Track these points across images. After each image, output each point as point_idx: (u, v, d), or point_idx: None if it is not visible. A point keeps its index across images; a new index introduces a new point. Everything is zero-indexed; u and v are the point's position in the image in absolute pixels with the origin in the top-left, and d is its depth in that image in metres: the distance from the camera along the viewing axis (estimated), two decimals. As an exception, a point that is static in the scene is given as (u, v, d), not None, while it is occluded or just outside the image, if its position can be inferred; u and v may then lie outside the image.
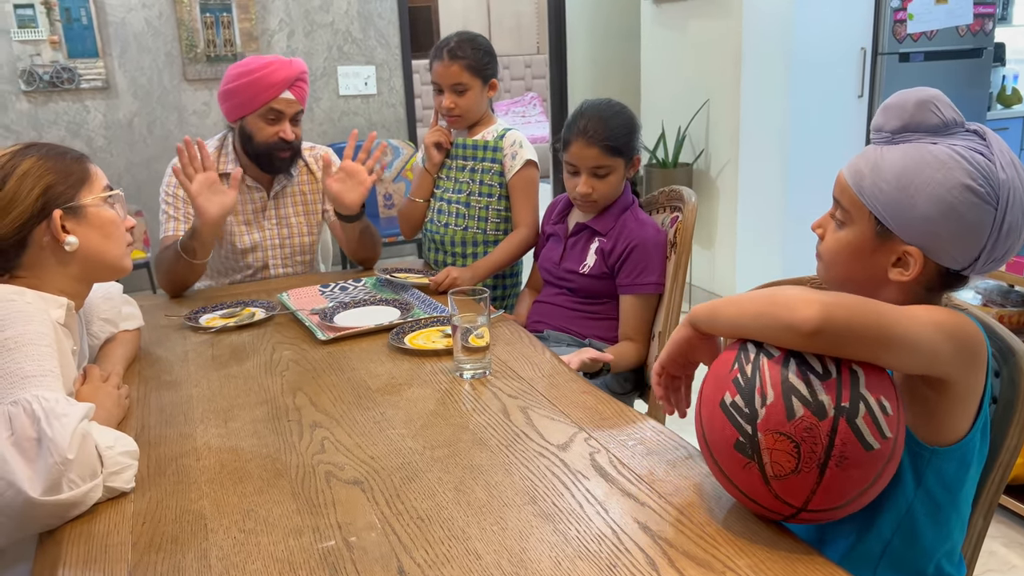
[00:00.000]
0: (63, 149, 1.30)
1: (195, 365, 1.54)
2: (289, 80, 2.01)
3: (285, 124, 2.04)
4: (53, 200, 1.24)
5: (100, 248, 1.31)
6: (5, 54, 4.06)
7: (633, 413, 1.26)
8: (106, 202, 1.33)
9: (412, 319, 1.72)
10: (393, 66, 4.86)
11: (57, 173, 1.25)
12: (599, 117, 1.80)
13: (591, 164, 1.79)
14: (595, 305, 1.87)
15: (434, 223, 2.23)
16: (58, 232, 1.24)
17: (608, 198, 1.84)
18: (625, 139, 1.80)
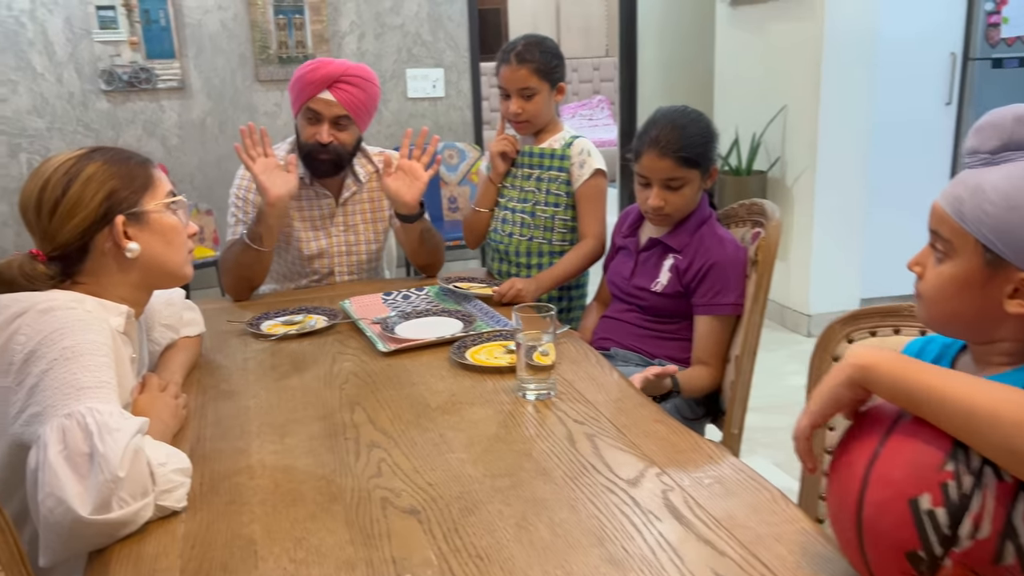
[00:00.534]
0: (128, 153, 1.28)
1: (254, 374, 1.51)
2: (327, 79, 1.96)
3: (322, 126, 2.00)
4: (116, 206, 1.22)
5: (161, 255, 1.29)
6: (87, 54, 4.17)
7: (710, 446, 1.18)
8: (169, 208, 1.31)
9: (474, 332, 1.66)
10: (461, 69, 4.83)
11: (121, 178, 1.23)
12: (673, 126, 1.71)
13: (664, 176, 1.71)
14: (667, 325, 1.78)
15: (498, 233, 2.17)
16: (120, 238, 1.22)
17: (682, 212, 1.75)
18: (701, 149, 1.71)
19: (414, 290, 2.00)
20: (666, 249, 1.78)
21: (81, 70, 4.18)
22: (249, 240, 1.91)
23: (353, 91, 1.99)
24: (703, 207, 1.78)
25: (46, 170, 1.22)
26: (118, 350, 1.17)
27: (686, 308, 1.74)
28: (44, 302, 1.12)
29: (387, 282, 2.15)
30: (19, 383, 1.06)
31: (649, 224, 1.85)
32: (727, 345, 1.73)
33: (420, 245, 2.08)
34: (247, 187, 2.05)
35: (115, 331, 1.18)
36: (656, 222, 1.78)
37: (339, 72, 1.96)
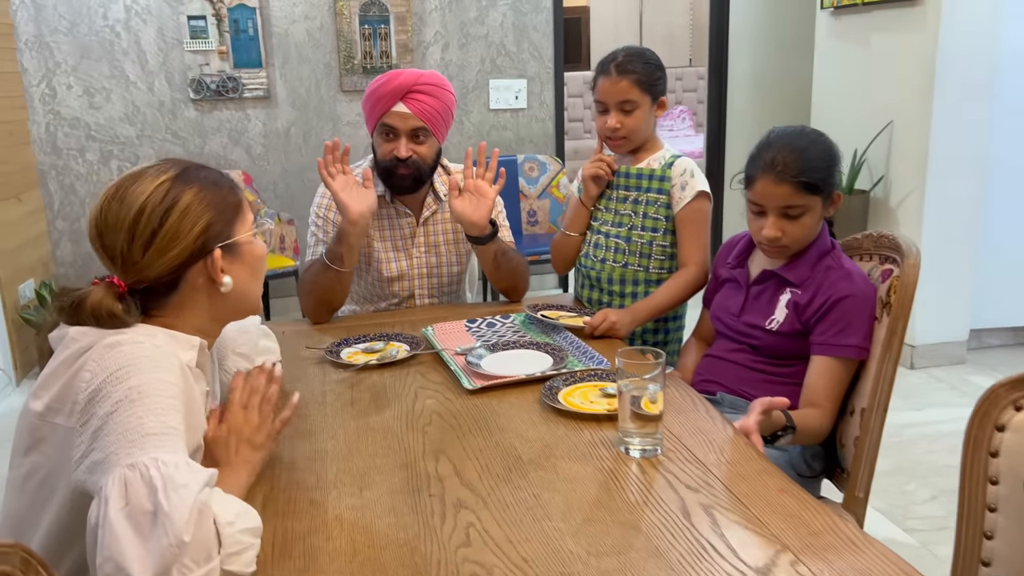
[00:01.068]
0: (216, 176, 1.19)
1: (332, 409, 1.41)
2: (400, 91, 1.86)
3: (399, 141, 1.89)
4: (213, 238, 1.13)
5: (248, 287, 1.20)
6: (178, 63, 4.22)
7: (849, 528, 1.01)
8: (256, 236, 1.22)
9: (567, 370, 1.52)
10: (545, 79, 4.72)
11: (216, 208, 1.14)
12: (791, 148, 1.54)
13: (781, 204, 1.54)
14: (783, 367, 1.60)
15: (589, 258, 2.02)
16: (216, 273, 1.14)
17: (801, 243, 1.58)
18: (823, 173, 1.54)
19: (499, 317, 1.88)
20: (782, 283, 1.61)
21: (171, 79, 4.24)
22: (329, 260, 1.83)
23: (428, 100, 1.88)
24: (824, 237, 1.61)
25: (137, 196, 1.10)
26: (189, 387, 1.08)
27: (805, 349, 1.57)
28: (111, 335, 1.03)
29: (470, 307, 2.04)
30: (83, 424, 0.98)
31: (760, 254, 1.69)
32: (843, 392, 1.55)
33: (496, 268, 1.96)
34: (327, 205, 1.97)
35: (186, 366, 1.09)
36: (771, 254, 1.62)
37: (411, 82, 1.86)
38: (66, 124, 4.15)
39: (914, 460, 2.79)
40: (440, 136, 1.95)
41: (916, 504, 2.52)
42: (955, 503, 1.10)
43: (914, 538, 2.32)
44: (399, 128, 1.89)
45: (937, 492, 2.58)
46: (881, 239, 1.61)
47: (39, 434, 1.03)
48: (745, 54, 5.29)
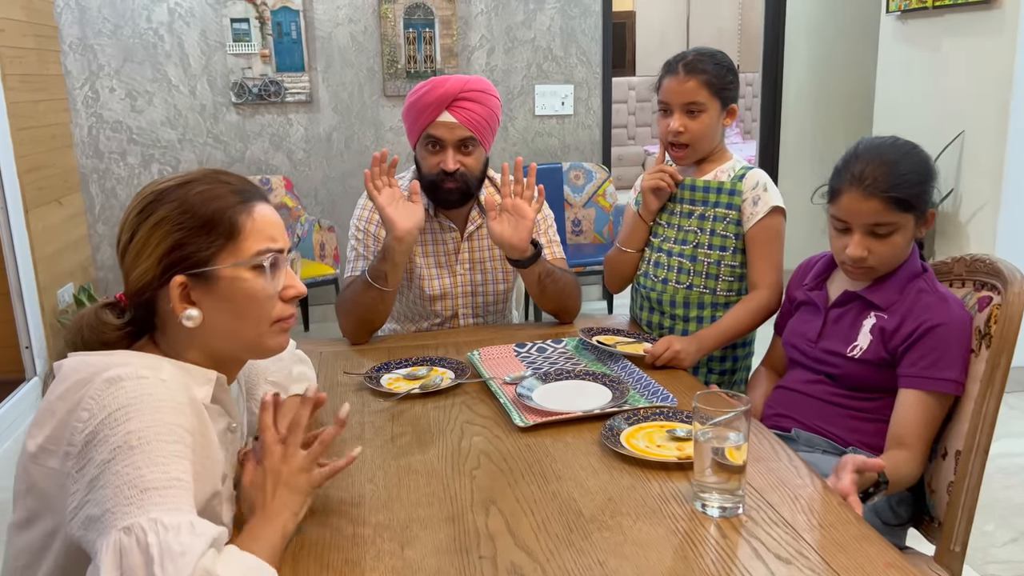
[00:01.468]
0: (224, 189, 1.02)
1: (372, 446, 1.29)
2: (445, 99, 1.73)
3: (446, 153, 1.76)
4: (177, 263, 0.98)
5: (228, 328, 1.02)
6: (220, 67, 4.17)
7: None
8: (255, 269, 1.02)
9: (628, 407, 1.38)
10: (592, 85, 4.58)
11: (194, 228, 0.98)
12: (881, 160, 1.39)
13: (868, 220, 1.39)
14: (866, 401, 1.44)
15: (649, 278, 1.86)
16: (175, 303, 0.99)
17: (888, 264, 1.42)
18: (917, 188, 1.38)
19: (550, 342, 1.74)
20: (867, 306, 1.45)
21: (213, 82, 4.19)
22: (371, 279, 1.71)
23: (475, 108, 1.75)
24: (914, 259, 1.44)
25: (137, 197, 1.03)
26: (202, 427, 0.96)
27: (891, 381, 1.40)
28: (113, 368, 0.91)
29: (517, 328, 1.90)
30: (79, 470, 0.86)
31: (840, 275, 1.53)
32: (936, 430, 1.38)
33: (542, 291, 1.80)
34: (368, 218, 1.86)
35: (200, 403, 0.97)
36: (855, 275, 1.46)
37: (457, 89, 1.73)
38: (108, 127, 4.12)
39: (991, 497, 2.58)
40: (487, 145, 1.83)
41: (995, 547, 2.32)
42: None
43: (995, 585, 2.13)
44: (446, 139, 1.76)
45: (1017, 534, 2.38)
46: (976, 264, 1.44)
47: (32, 478, 0.93)
48: (802, 60, 5.09)
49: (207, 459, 0.97)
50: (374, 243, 1.84)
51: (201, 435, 0.96)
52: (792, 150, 5.09)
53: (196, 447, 0.94)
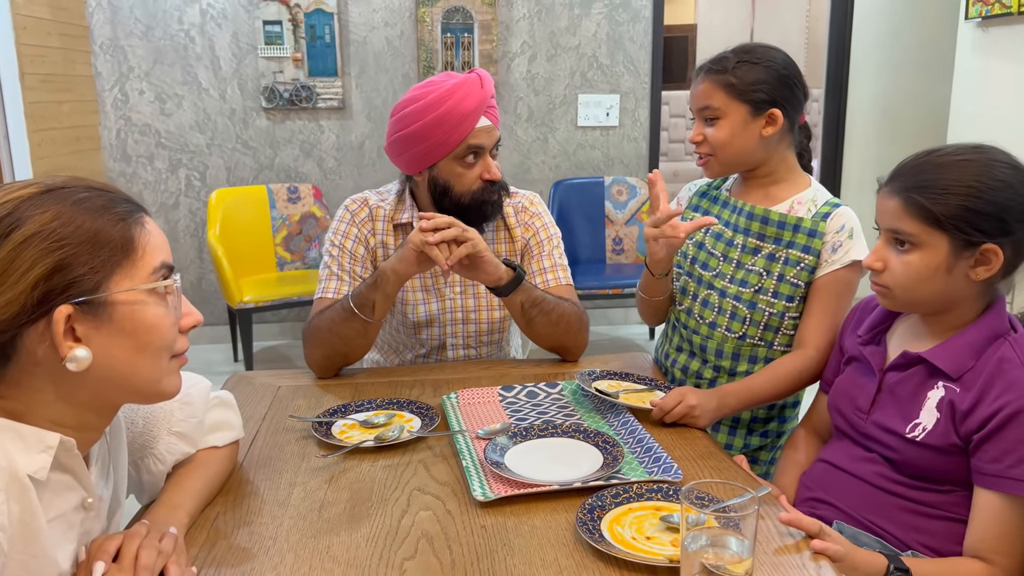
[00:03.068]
0: (108, 198, 0.82)
1: (293, 518, 1.04)
2: (484, 103, 1.51)
3: (487, 159, 1.54)
4: (63, 289, 0.77)
5: (126, 367, 0.82)
6: (251, 70, 4.04)
7: None
8: (154, 294, 0.83)
9: (618, 480, 1.11)
10: (640, 95, 4.30)
11: (81, 244, 0.77)
12: (929, 159, 1.13)
13: (886, 224, 1.14)
14: (932, 493, 1.13)
15: (693, 317, 1.54)
16: (59, 341, 0.77)
17: (908, 291, 1.13)
18: (960, 204, 1.07)
19: (543, 385, 1.47)
20: (932, 372, 1.14)
21: (244, 86, 4.05)
22: (356, 307, 1.47)
23: (496, 106, 1.57)
24: (998, 315, 1.13)
25: None
26: (26, 514, 0.73)
27: (965, 471, 1.10)
28: None
29: (511, 365, 1.63)
30: None
31: (903, 328, 1.22)
32: None
33: (528, 323, 1.53)
34: (345, 232, 1.62)
35: (26, 481, 0.74)
36: (878, 297, 1.19)
37: (490, 89, 1.53)
38: (136, 130, 4.02)
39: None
40: None
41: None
42: None
43: None
44: (486, 145, 1.54)
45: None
46: (1080, 316, 1.13)
47: None
48: (869, 73, 4.71)
49: (31, 557, 0.74)
50: (350, 262, 1.60)
51: (22, 526, 0.73)
52: (856, 171, 4.71)
53: (13, 543, 0.71)
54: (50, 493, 0.79)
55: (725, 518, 0.80)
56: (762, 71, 1.42)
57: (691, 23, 8.74)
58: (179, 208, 4.12)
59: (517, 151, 4.28)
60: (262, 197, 3.98)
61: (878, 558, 1.02)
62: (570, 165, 4.34)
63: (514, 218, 1.67)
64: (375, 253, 1.63)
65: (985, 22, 3.41)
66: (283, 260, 4.03)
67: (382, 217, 1.63)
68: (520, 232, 1.67)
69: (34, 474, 0.76)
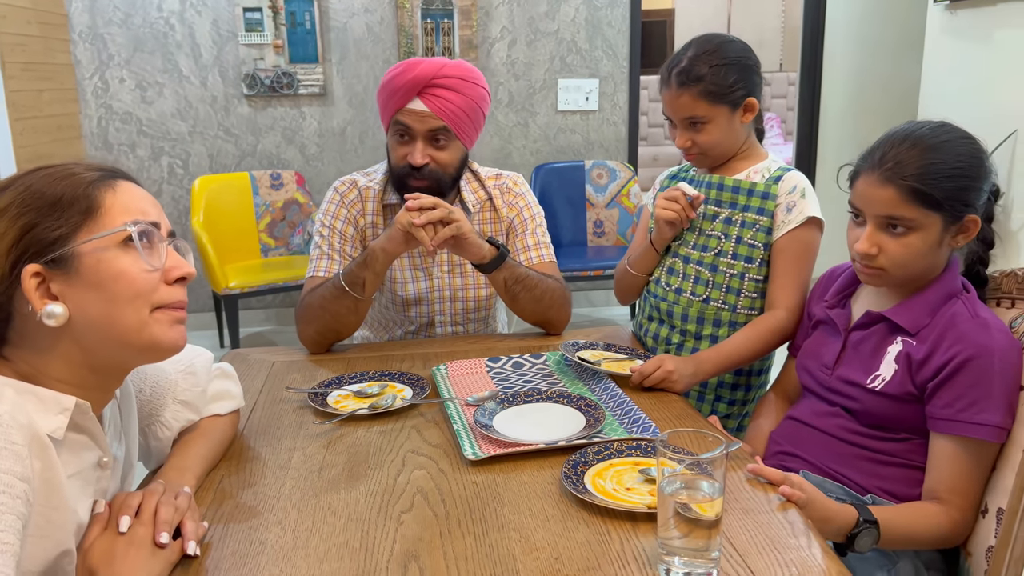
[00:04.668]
0: (76, 168, 0.86)
1: (294, 479, 1.11)
2: (417, 84, 1.53)
3: (415, 144, 1.57)
4: (30, 250, 0.82)
5: (102, 318, 0.85)
6: (232, 57, 4.05)
7: None
8: (122, 244, 0.86)
9: (600, 438, 1.18)
10: (619, 80, 4.36)
11: (43, 208, 0.82)
12: (913, 143, 1.18)
13: (882, 211, 1.19)
14: (890, 442, 1.21)
15: (661, 286, 1.63)
16: (32, 298, 0.82)
17: (903, 268, 1.20)
18: (951, 184, 1.15)
19: (528, 356, 1.54)
20: (893, 329, 1.22)
21: (225, 73, 4.07)
22: (347, 285, 1.52)
23: (451, 97, 1.55)
24: (952, 275, 1.22)
25: None
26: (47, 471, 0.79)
27: (920, 419, 1.18)
28: None
29: (498, 339, 1.70)
30: None
31: (867, 291, 1.31)
32: (980, 483, 1.15)
33: (513, 300, 1.60)
34: (335, 213, 1.67)
35: (46, 439, 0.80)
36: (867, 279, 1.24)
37: (430, 74, 1.53)
38: (118, 119, 4.03)
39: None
40: (467, 139, 1.62)
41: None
42: None
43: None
44: (415, 129, 1.57)
45: None
46: (1031, 279, 1.21)
47: None
48: (842, 55, 4.80)
49: (53, 510, 0.80)
50: (340, 242, 1.66)
51: (44, 481, 0.79)
52: (831, 151, 4.80)
53: (36, 496, 0.77)
54: (68, 452, 0.84)
55: (698, 464, 0.87)
56: (733, 70, 1.48)
57: (669, 7, 8.81)
58: (162, 196, 4.14)
59: (498, 136, 4.33)
60: (245, 184, 4.00)
61: (849, 510, 1.10)
62: (551, 149, 4.40)
63: (500, 199, 1.73)
64: (364, 233, 1.69)
65: (953, 5, 3.49)
66: (267, 246, 4.06)
67: (371, 198, 1.69)
68: (505, 212, 1.73)
69: (52, 433, 0.81)
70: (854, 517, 1.09)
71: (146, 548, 0.85)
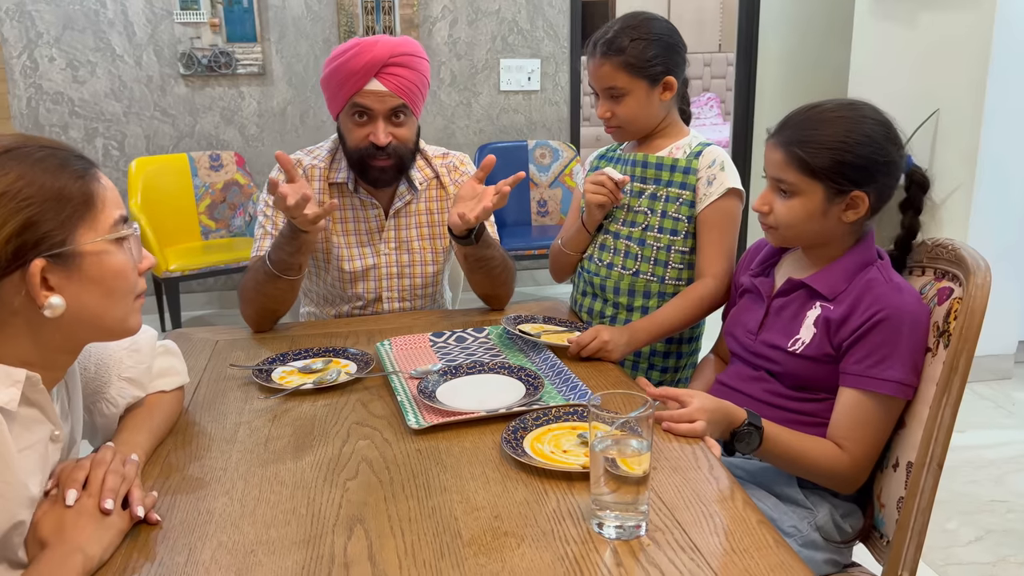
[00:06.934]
0: (63, 156, 0.89)
1: (240, 451, 1.13)
2: (374, 65, 1.56)
3: (377, 124, 1.60)
4: (34, 244, 0.84)
5: (97, 310, 0.91)
6: (167, 36, 3.96)
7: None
8: (116, 243, 0.92)
9: (539, 405, 1.23)
10: (560, 60, 4.40)
11: (46, 201, 0.84)
12: (808, 115, 1.27)
13: (772, 173, 1.30)
14: (809, 403, 1.29)
15: (593, 262, 1.70)
16: (36, 292, 0.85)
17: (791, 230, 1.29)
18: (830, 156, 1.22)
19: (471, 331, 1.59)
20: (812, 295, 1.30)
21: (160, 53, 3.98)
22: (279, 271, 1.54)
23: (406, 74, 1.58)
24: (868, 247, 1.30)
25: None
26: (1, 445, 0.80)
27: (835, 379, 1.26)
28: None
29: (443, 315, 1.74)
30: None
31: (789, 260, 1.38)
32: (879, 434, 1.23)
33: (470, 273, 1.67)
34: (278, 195, 1.68)
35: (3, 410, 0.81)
36: (767, 235, 1.35)
37: (387, 54, 1.56)
38: (48, 99, 3.91)
39: (955, 492, 2.47)
40: (418, 113, 1.67)
41: (958, 546, 2.20)
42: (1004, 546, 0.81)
43: (957, 589, 2.01)
44: (376, 109, 1.59)
45: (983, 532, 2.26)
46: (937, 249, 1.30)
47: None
48: (777, 36, 4.92)
49: (4, 484, 0.81)
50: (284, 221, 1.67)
51: None
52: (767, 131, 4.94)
53: None
54: (20, 426, 0.86)
55: (627, 424, 0.92)
56: (654, 46, 1.54)
57: (610, -12, 8.87)
58: (97, 178, 4.04)
59: (441, 115, 4.34)
60: (183, 165, 3.93)
61: (741, 412, 1.20)
62: (494, 129, 4.42)
63: (447, 177, 1.78)
64: (308, 212, 1.70)
65: (879, -12, 3.62)
66: (208, 228, 4.00)
67: (316, 177, 1.70)
68: (452, 190, 1.77)
69: (5, 405, 0.83)
70: (742, 418, 1.18)
71: (96, 517, 0.87)
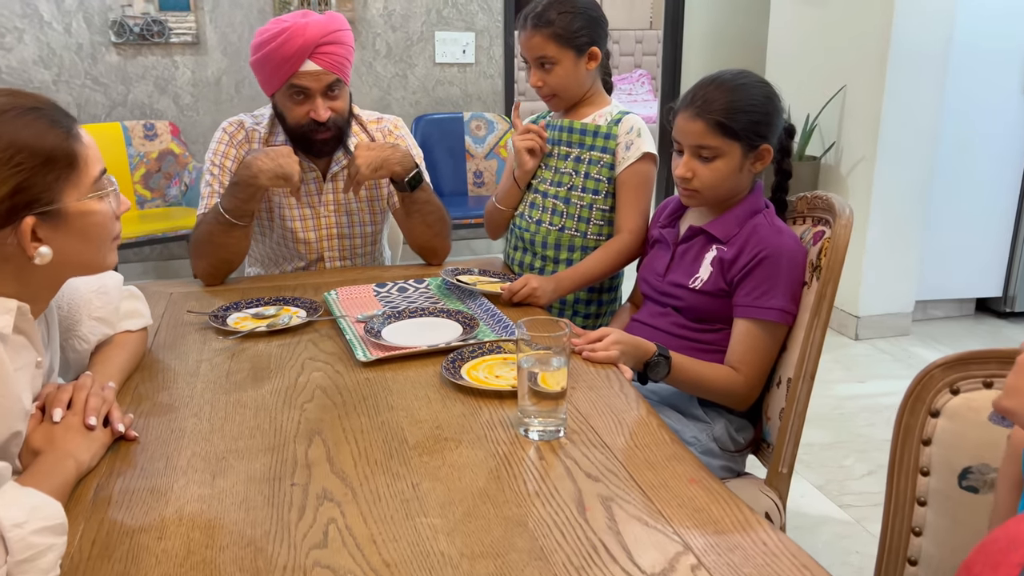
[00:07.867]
0: (49, 115, 0.96)
1: (204, 382, 1.25)
2: (307, 48, 1.65)
3: (316, 101, 1.70)
4: (25, 205, 0.94)
5: (77, 255, 1.02)
6: (97, 3, 3.92)
7: (762, 528, 0.89)
8: (97, 200, 1.02)
9: (475, 340, 1.38)
10: (494, 34, 4.51)
11: (35, 166, 0.93)
12: (717, 85, 1.43)
13: (693, 142, 1.44)
14: (708, 332, 1.49)
15: (524, 219, 1.85)
16: (27, 244, 0.95)
17: (713, 189, 1.46)
18: (745, 118, 1.41)
19: (412, 282, 1.72)
20: (709, 240, 1.49)
21: (91, 20, 3.94)
22: (235, 218, 1.65)
23: (337, 50, 1.68)
24: (756, 195, 1.49)
25: None
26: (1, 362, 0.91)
27: (730, 311, 1.45)
28: None
29: (383, 270, 1.87)
30: None
31: (692, 212, 1.57)
32: (767, 357, 1.44)
33: (409, 217, 1.81)
34: (224, 152, 1.78)
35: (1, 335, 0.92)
36: (686, 199, 1.51)
37: (319, 35, 1.65)
38: (-27, 66, 3.84)
39: (854, 433, 2.73)
40: (348, 81, 1.78)
41: (852, 479, 2.46)
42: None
43: (849, 514, 2.26)
44: (313, 88, 1.69)
45: (875, 467, 2.52)
46: (815, 200, 1.50)
47: None
48: (702, 14, 5.14)
49: (2, 397, 0.92)
50: (229, 179, 1.77)
51: None
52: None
53: None
54: (12, 350, 0.96)
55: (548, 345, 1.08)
56: (579, 18, 1.70)
57: (543, -37, 8.97)
58: (27, 147, 3.99)
59: (377, 87, 4.41)
60: (117, 135, 3.92)
61: (651, 345, 1.37)
62: (430, 101, 4.52)
63: (382, 140, 1.88)
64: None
65: (793, -30, 3.85)
66: (143, 198, 4.01)
67: (257, 139, 1.80)
68: None
69: (2, 329, 0.93)
70: (652, 350, 1.36)
71: (81, 432, 0.99)
